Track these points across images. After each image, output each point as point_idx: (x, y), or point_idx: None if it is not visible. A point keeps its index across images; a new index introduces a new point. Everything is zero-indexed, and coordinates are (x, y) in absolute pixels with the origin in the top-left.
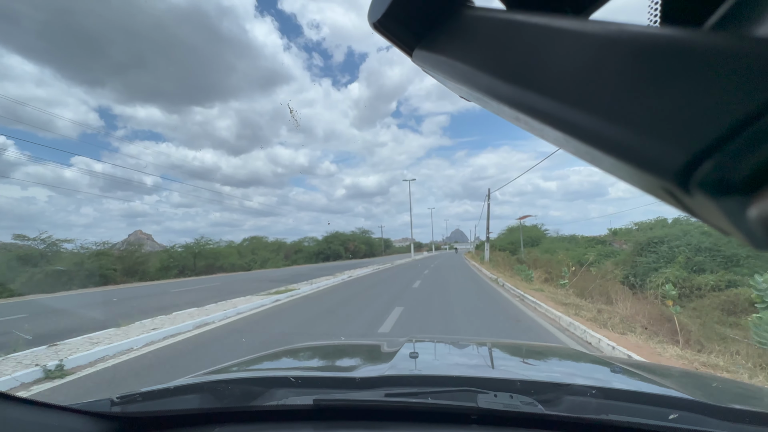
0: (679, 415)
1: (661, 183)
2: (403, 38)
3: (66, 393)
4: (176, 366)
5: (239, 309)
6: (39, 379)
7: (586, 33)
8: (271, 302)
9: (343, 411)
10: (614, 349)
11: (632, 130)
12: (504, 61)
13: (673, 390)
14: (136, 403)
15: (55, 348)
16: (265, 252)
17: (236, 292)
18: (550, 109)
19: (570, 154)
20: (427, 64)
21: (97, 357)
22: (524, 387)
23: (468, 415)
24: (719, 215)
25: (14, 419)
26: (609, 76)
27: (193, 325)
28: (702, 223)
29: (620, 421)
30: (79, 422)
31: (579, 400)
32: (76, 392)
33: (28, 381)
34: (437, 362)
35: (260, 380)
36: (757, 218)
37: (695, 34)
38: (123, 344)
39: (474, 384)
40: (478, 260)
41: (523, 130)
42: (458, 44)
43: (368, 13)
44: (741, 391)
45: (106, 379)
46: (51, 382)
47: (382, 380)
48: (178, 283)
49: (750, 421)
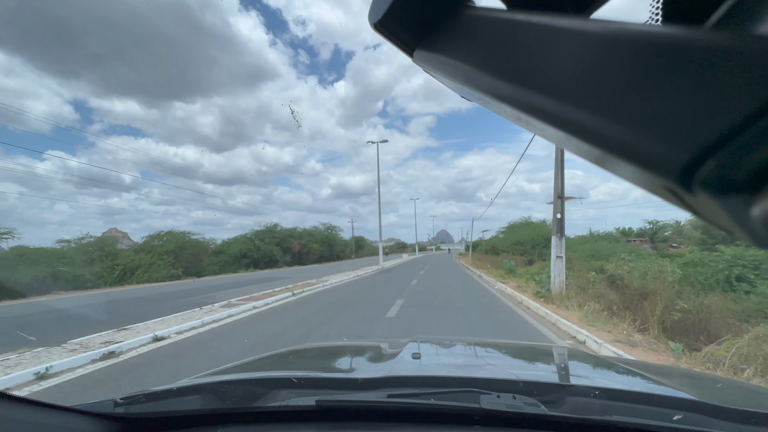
0: (683, 416)
1: (664, 182)
2: (404, 39)
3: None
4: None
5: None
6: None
7: (587, 32)
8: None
9: (345, 412)
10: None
11: (634, 129)
12: (505, 61)
13: (677, 391)
14: (139, 404)
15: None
16: (148, 257)
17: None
18: (551, 109)
19: (572, 153)
20: (427, 64)
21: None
22: (527, 388)
23: (471, 416)
24: (722, 214)
25: (17, 420)
26: (610, 75)
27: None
28: (705, 221)
29: (624, 422)
30: (82, 423)
31: (582, 401)
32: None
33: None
34: (440, 363)
35: (263, 381)
36: (759, 217)
37: (697, 33)
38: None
39: (477, 385)
40: (496, 275)
41: (506, 133)
42: (459, 44)
43: (369, 14)
44: (746, 392)
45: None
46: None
47: (385, 381)
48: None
49: (755, 422)
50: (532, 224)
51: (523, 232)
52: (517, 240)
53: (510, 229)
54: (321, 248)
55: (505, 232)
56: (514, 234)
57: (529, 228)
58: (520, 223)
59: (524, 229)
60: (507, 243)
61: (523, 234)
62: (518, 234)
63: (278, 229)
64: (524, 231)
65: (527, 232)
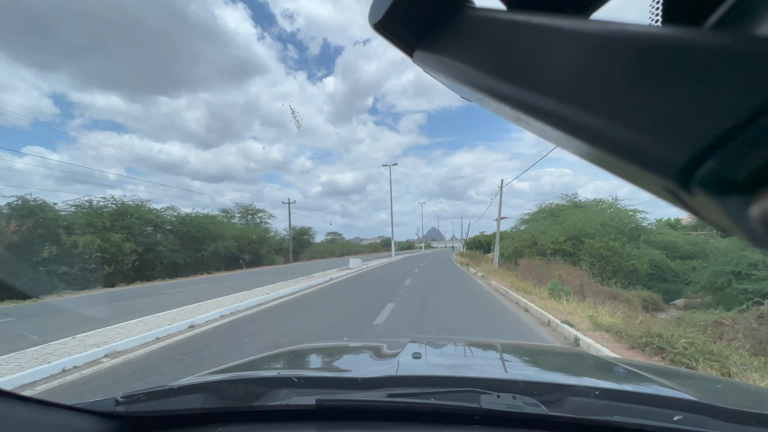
0: (683, 416)
1: (663, 182)
2: (404, 39)
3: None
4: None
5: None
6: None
7: (587, 33)
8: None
9: (345, 411)
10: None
11: (633, 129)
12: (505, 61)
13: (677, 391)
14: (140, 403)
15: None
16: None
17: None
18: (551, 109)
19: (571, 153)
20: (427, 64)
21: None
22: (527, 388)
23: (471, 416)
24: (721, 214)
25: (18, 418)
26: (610, 75)
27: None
28: (704, 221)
29: (624, 423)
30: (83, 421)
31: (582, 401)
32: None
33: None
34: (440, 363)
35: (263, 380)
36: (758, 217)
37: (696, 34)
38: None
39: (477, 385)
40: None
41: (497, 131)
42: (459, 45)
43: (369, 14)
44: (746, 393)
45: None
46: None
47: (385, 381)
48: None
49: (755, 422)
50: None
51: (578, 219)
52: (573, 234)
53: (552, 214)
54: (128, 247)
55: (536, 220)
56: (537, 225)
57: (601, 214)
58: (535, 217)
59: (534, 225)
60: (552, 238)
61: (583, 222)
62: (571, 224)
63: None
64: (580, 218)
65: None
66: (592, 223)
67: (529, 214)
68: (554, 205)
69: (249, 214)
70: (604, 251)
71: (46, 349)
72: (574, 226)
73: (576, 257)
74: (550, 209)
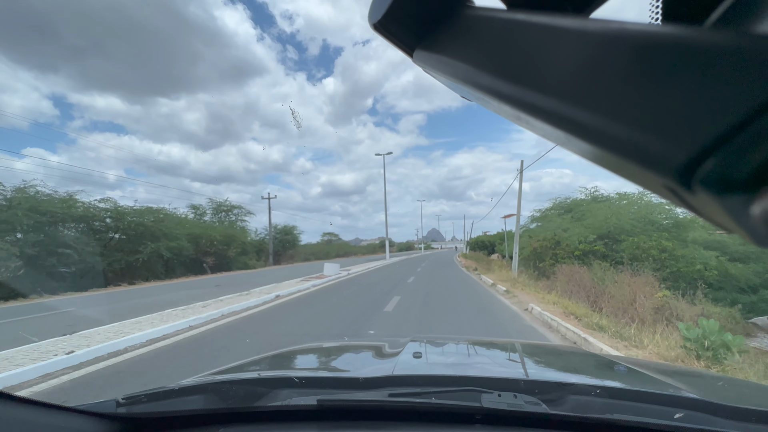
0: (684, 414)
1: (664, 181)
2: (404, 39)
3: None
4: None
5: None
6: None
7: (587, 31)
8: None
9: (346, 411)
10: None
11: (634, 128)
12: (505, 61)
13: (678, 389)
14: (141, 404)
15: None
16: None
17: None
18: (551, 108)
19: (572, 152)
20: (427, 64)
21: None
22: (528, 386)
23: (472, 415)
24: (722, 213)
25: (19, 420)
26: (610, 74)
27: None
28: (705, 220)
29: (625, 421)
30: (84, 423)
31: (583, 400)
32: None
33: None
34: (441, 362)
35: (264, 381)
36: (759, 215)
37: (696, 32)
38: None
39: (478, 384)
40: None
41: (496, 132)
42: (459, 44)
43: (368, 14)
44: (747, 390)
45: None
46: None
47: (386, 380)
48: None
49: (756, 420)
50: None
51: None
52: (604, 231)
53: (570, 210)
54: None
55: (550, 218)
56: (583, 222)
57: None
58: (581, 201)
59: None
60: (579, 237)
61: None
62: (601, 220)
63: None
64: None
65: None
66: (627, 219)
67: (541, 211)
68: (570, 200)
69: (222, 211)
70: (656, 253)
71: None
72: (605, 222)
73: (611, 259)
74: (565, 205)
